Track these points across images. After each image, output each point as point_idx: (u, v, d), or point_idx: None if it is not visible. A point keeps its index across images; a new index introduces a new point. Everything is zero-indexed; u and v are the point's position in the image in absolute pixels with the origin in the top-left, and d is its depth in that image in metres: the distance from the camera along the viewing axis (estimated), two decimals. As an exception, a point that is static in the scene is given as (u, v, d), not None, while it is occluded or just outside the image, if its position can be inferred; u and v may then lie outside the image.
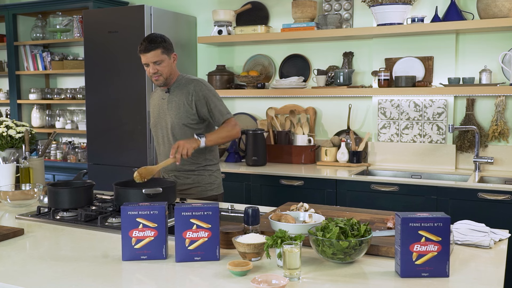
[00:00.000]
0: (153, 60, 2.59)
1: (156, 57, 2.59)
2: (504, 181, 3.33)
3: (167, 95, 2.71)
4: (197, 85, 2.66)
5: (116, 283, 1.52)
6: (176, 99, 2.67)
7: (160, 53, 2.60)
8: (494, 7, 3.26)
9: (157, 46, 2.58)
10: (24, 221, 2.20)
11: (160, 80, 2.64)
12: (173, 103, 2.67)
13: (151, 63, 2.60)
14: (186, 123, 2.65)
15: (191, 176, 2.70)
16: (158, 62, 2.60)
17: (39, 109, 5.05)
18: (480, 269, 1.61)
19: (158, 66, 2.60)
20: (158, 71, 2.61)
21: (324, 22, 3.80)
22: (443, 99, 3.63)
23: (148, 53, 2.58)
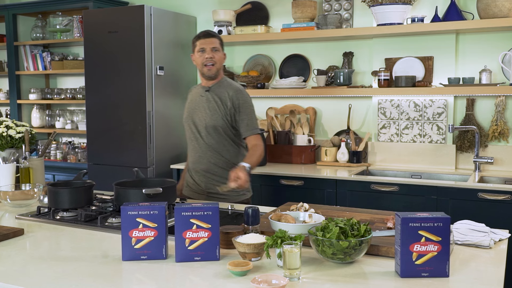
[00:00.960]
0: (211, 45, 2.65)
1: (215, 44, 2.66)
2: (504, 181, 3.33)
3: (207, 93, 2.71)
4: (238, 92, 2.68)
5: (116, 283, 1.52)
6: (215, 99, 2.68)
7: (218, 43, 2.69)
8: (494, 7, 3.26)
9: (217, 36, 2.69)
10: (24, 221, 2.20)
11: (212, 70, 2.67)
12: (211, 103, 2.68)
13: (209, 48, 2.65)
14: (218, 126, 2.65)
15: (223, 180, 2.62)
16: (216, 48, 2.67)
17: (39, 109, 5.05)
18: (480, 269, 1.61)
19: (214, 53, 2.66)
20: (214, 58, 2.66)
21: (324, 22, 3.80)
22: (443, 99, 3.63)
23: (208, 38, 2.66)
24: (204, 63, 2.67)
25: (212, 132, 2.67)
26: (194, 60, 2.74)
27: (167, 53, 4.11)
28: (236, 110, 2.65)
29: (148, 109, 3.94)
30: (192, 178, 2.79)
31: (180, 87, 4.29)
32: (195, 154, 2.75)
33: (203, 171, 2.72)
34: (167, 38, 4.10)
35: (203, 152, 2.71)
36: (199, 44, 2.67)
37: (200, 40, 2.67)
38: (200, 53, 2.68)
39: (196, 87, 2.85)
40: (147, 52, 3.90)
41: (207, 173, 2.71)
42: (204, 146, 2.70)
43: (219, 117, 2.65)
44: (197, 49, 2.69)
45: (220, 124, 2.65)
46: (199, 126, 2.70)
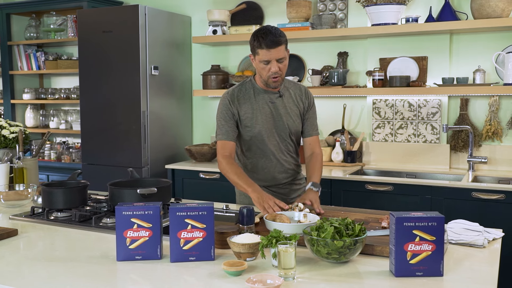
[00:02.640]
0: (278, 56, 2.23)
1: (281, 53, 2.24)
2: (497, 180, 3.34)
3: (280, 99, 2.40)
4: (308, 92, 2.48)
5: (111, 283, 1.52)
6: (290, 104, 2.42)
7: (284, 48, 2.26)
8: (487, 7, 3.27)
9: (283, 40, 2.23)
10: (18, 221, 2.19)
11: (278, 81, 2.30)
12: (289, 109, 2.41)
13: (274, 60, 2.24)
14: (299, 130, 2.46)
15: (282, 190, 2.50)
16: (282, 59, 2.26)
17: (33, 109, 5.03)
18: (474, 268, 1.62)
19: (280, 64, 2.26)
20: (280, 69, 2.27)
21: (318, 22, 3.80)
22: (437, 99, 3.65)
23: (274, 48, 2.21)
24: (269, 76, 2.28)
25: (288, 140, 2.44)
26: (253, 64, 2.34)
27: (162, 53, 4.11)
28: (308, 112, 2.45)
29: (142, 109, 3.93)
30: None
31: (174, 87, 4.28)
32: (273, 169, 2.44)
33: (288, 184, 2.50)
34: (162, 38, 4.10)
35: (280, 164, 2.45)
36: (262, 55, 2.23)
37: (263, 50, 2.21)
38: (263, 65, 2.26)
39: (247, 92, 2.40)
40: (142, 52, 3.90)
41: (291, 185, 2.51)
42: (283, 157, 2.45)
43: (298, 123, 2.44)
44: (259, 58, 2.25)
45: (300, 129, 2.46)
46: (276, 136, 2.40)
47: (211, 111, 4.44)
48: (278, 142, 2.41)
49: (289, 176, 2.49)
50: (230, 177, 2.32)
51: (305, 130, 2.47)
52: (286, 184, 2.50)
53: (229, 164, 2.33)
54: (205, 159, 4.02)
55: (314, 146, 2.48)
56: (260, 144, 2.40)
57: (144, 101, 3.94)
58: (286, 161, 2.46)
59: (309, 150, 2.49)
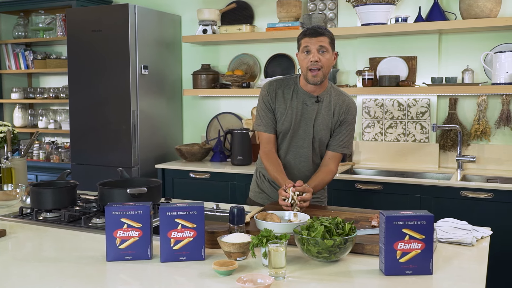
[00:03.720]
0: (318, 44, 2.22)
1: (323, 42, 2.23)
2: (486, 179, 3.37)
3: (316, 104, 2.35)
4: (352, 106, 2.39)
5: (101, 283, 1.51)
6: (325, 112, 2.36)
7: (328, 42, 2.25)
8: (476, 7, 3.30)
9: (327, 34, 2.25)
10: (7, 222, 2.17)
11: (318, 76, 2.26)
12: (320, 116, 2.35)
13: (315, 49, 2.23)
14: (326, 141, 2.41)
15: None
16: (324, 49, 2.24)
17: (21, 109, 4.98)
18: (463, 266, 1.63)
19: (321, 55, 2.24)
20: (320, 61, 2.23)
21: (309, 22, 3.81)
22: (427, 98, 3.67)
23: (316, 37, 2.23)
24: (308, 67, 2.25)
25: (317, 149, 2.42)
26: (299, 61, 2.33)
27: (152, 52, 4.09)
28: (342, 124, 2.38)
29: (132, 108, 3.91)
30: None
31: (164, 87, 4.27)
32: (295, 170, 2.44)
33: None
34: (152, 37, 4.08)
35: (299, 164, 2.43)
36: (304, 43, 2.25)
37: (305, 39, 2.25)
38: (305, 54, 2.26)
39: (292, 86, 2.39)
40: (131, 51, 3.88)
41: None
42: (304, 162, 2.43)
43: (329, 133, 2.39)
44: (301, 48, 2.27)
45: (328, 139, 2.41)
46: (305, 140, 2.39)
47: (201, 110, 4.43)
48: (302, 146, 2.39)
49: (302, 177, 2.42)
50: (270, 174, 2.36)
51: (330, 144, 2.41)
52: None
53: (268, 161, 2.37)
54: (195, 159, 4.01)
55: (330, 162, 2.41)
56: (285, 141, 2.41)
57: (134, 101, 3.93)
58: (306, 168, 2.43)
59: (324, 162, 2.42)
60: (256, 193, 2.60)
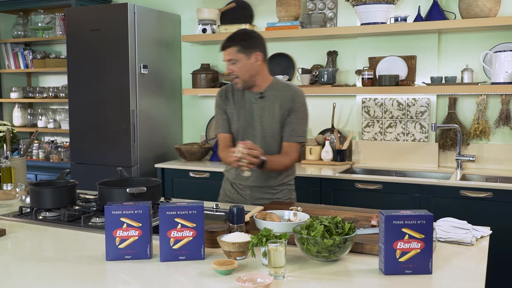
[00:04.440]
0: (226, 58, 2.42)
1: (230, 55, 2.40)
2: (485, 178, 3.37)
3: (261, 100, 2.46)
4: (298, 95, 2.44)
5: (100, 283, 1.51)
6: (271, 106, 2.44)
7: (236, 51, 2.39)
8: (475, 7, 3.30)
9: (231, 44, 2.40)
10: (6, 221, 2.17)
11: (238, 82, 2.43)
12: (267, 110, 2.45)
13: (227, 61, 2.42)
14: (278, 134, 2.46)
15: (270, 191, 2.53)
16: (233, 61, 2.40)
17: (20, 108, 4.98)
18: (463, 265, 1.63)
19: (232, 66, 2.41)
20: (234, 72, 2.41)
21: (308, 21, 3.81)
22: (426, 98, 3.67)
23: (224, 51, 2.43)
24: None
25: (269, 143, 2.46)
26: None
27: (151, 51, 4.09)
28: (291, 112, 2.43)
29: (132, 107, 3.91)
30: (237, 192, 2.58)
31: (164, 86, 4.27)
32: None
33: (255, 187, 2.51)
34: (151, 37, 4.08)
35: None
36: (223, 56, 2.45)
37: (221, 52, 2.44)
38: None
39: (234, 91, 2.54)
40: (131, 51, 3.88)
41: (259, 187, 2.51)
42: None
43: (278, 126, 2.45)
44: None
45: (279, 133, 2.45)
46: (255, 137, 2.45)
47: (201, 110, 4.43)
48: (255, 142, 2.39)
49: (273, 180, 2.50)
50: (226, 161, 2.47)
51: (284, 135, 2.46)
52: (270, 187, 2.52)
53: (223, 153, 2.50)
54: (195, 158, 4.01)
55: (289, 152, 2.44)
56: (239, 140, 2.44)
57: (133, 100, 3.92)
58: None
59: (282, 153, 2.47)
60: (223, 198, 2.66)
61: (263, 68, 2.46)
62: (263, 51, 2.45)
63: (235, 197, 2.58)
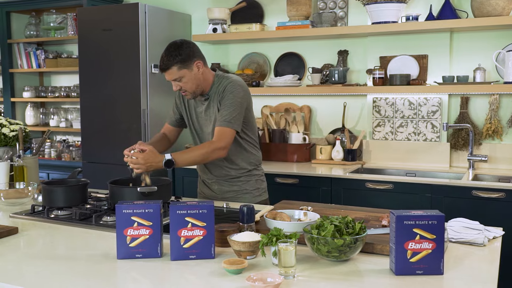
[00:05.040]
0: (171, 78, 2.38)
1: (173, 74, 2.36)
2: (498, 179, 3.34)
3: (205, 102, 2.48)
4: (229, 83, 2.42)
5: (111, 281, 1.52)
6: (213, 104, 2.45)
7: (177, 69, 2.35)
8: (488, 5, 3.27)
9: (171, 64, 2.34)
10: (18, 219, 2.19)
11: (188, 95, 2.44)
12: (211, 109, 2.46)
13: (172, 81, 2.40)
14: None
15: (237, 183, 2.54)
16: (178, 79, 2.37)
17: (33, 107, 5.02)
18: (474, 266, 1.62)
19: (179, 83, 2.38)
20: (182, 88, 2.40)
21: (319, 20, 3.80)
22: (438, 97, 3.64)
23: (165, 72, 2.38)
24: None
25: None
26: None
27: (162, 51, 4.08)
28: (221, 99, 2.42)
29: (143, 107, 3.93)
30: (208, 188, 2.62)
31: (175, 85, 4.27)
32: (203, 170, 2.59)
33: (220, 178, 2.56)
34: (162, 36, 4.09)
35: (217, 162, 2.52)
36: None
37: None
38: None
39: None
40: (142, 50, 3.89)
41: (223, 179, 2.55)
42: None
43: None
44: None
45: None
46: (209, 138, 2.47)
47: (211, 109, 4.43)
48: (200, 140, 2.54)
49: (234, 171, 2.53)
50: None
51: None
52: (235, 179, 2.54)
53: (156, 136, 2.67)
54: (205, 158, 4.01)
55: (214, 135, 2.39)
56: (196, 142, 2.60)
57: (144, 99, 3.94)
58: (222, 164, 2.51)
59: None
60: (198, 194, 2.73)
61: (206, 73, 2.43)
62: (200, 56, 2.42)
63: (207, 192, 2.62)
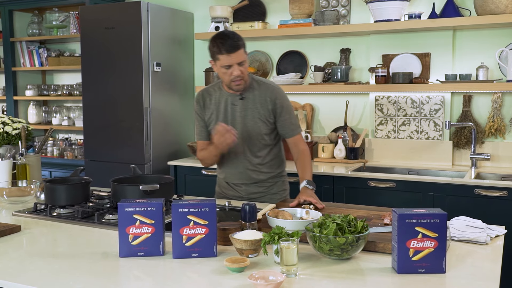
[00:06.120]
0: (238, 60, 2.28)
1: (242, 56, 2.29)
2: (500, 177, 3.34)
3: (241, 101, 2.44)
4: (277, 92, 2.44)
5: (113, 279, 1.52)
6: (253, 107, 2.43)
7: (243, 52, 2.31)
8: (491, 3, 3.26)
9: (241, 44, 2.29)
10: (21, 217, 2.20)
11: (241, 84, 2.36)
12: (249, 111, 2.43)
13: (236, 64, 2.29)
14: (262, 133, 2.46)
15: (265, 184, 2.57)
16: (242, 63, 2.31)
17: (35, 106, 5.03)
18: (477, 265, 1.62)
19: (242, 67, 2.31)
20: (242, 72, 2.32)
21: (321, 19, 3.80)
22: (440, 95, 3.64)
23: (234, 52, 2.26)
24: (229, 81, 2.35)
25: (255, 142, 2.47)
26: (215, 70, 2.40)
27: (164, 49, 4.10)
28: (279, 111, 2.43)
29: (145, 105, 3.93)
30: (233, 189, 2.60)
31: (177, 84, 4.28)
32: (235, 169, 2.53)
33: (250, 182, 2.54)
34: (164, 35, 4.09)
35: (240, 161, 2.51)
36: (223, 60, 2.28)
37: (223, 56, 2.27)
38: (224, 69, 2.31)
39: (215, 92, 2.51)
40: (144, 49, 3.89)
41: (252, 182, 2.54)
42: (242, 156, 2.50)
43: (263, 125, 2.44)
44: (220, 63, 2.31)
45: (264, 131, 2.45)
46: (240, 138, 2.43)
47: (213, 107, 4.43)
48: (241, 143, 2.45)
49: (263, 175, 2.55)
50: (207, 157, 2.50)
51: (284, 132, 2.50)
52: (263, 182, 2.56)
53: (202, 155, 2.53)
54: (208, 156, 4.02)
55: (298, 144, 2.52)
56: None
57: (146, 98, 3.94)
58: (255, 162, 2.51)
59: (294, 149, 2.53)
60: (218, 194, 2.70)
61: None
62: None
63: (231, 193, 2.61)
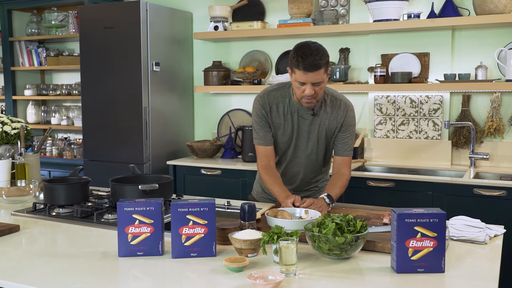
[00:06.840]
0: (314, 80, 2.11)
1: (320, 77, 2.11)
2: (499, 177, 3.34)
3: (311, 117, 2.29)
4: (349, 110, 2.32)
5: (112, 279, 1.52)
6: (322, 124, 2.31)
7: (323, 72, 2.12)
8: (490, 3, 3.26)
9: (322, 64, 2.10)
10: (20, 217, 2.19)
11: (312, 103, 2.20)
12: (317, 127, 2.31)
13: (310, 84, 2.12)
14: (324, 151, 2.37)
15: (306, 193, 2.49)
16: (319, 83, 2.14)
17: (34, 105, 5.03)
18: (476, 264, 1.62)
19: (317, 87, 2.14)
20: (315, 92, 2.15)
21: (320, 18, 3.80)
22: (439, 95, 3.64)
23: (312, 72, 2.09)
24: (300, 97, 2.19)
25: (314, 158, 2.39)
26: (290, 78, 2.22)
27: (163, 49, 4.10)
28: (343, 129, 2.33)
29: (144, 105, 3.93)
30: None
31: (176, 83, 4.28)
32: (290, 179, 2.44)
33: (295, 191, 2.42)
34: (163, 34, 4.09)
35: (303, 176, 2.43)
36: (298, 75, 2.11)
37: (300, 72, 2.10)
38: (298, 84, 2.15)
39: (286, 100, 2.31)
40: (143, 48, 3.89)
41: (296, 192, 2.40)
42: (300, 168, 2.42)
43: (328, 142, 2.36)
44: (295, 76, 2.14)
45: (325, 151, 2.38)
46: (303, 152, 2.36)
47: (212, 107, 4.44)
48: (302, 157, 2.37)
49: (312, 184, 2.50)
50: (268, 187, 2.32)
51: (337, 149, 2.37)
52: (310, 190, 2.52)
53: (266, 175, 2.32)
54: (207, 155, 4.02)
55: (342, 167, 2.37)
56: (286, 154, 2.40)
57: (145, 97, 3.94)
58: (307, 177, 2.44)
59: (336, 168, 2.39)
60: (259, 193, 2.61)
61: None
62: None
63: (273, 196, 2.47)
